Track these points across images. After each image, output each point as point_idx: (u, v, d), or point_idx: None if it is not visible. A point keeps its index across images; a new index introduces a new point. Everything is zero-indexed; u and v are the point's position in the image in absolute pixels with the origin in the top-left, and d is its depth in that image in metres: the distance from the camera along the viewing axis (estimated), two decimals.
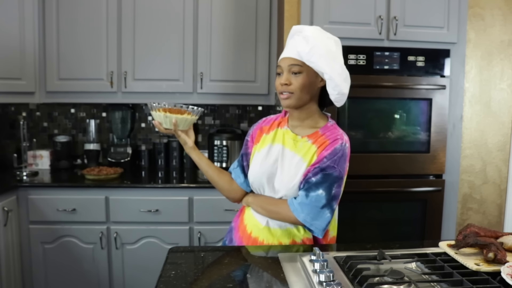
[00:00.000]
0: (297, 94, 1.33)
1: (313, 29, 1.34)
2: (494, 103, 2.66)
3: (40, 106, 2.93)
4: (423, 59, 2.30)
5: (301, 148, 1.38)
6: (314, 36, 1.31)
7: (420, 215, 2.38)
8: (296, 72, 1.32)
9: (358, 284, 1.02)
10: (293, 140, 1.40)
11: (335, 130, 1.39)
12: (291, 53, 1.33)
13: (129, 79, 2.63)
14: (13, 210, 2.28)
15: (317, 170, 1.33)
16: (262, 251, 1.35)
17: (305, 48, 1.29)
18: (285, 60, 1.34)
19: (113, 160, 2.81)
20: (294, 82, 1.32)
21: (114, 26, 2.60)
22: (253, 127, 1.54)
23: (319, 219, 1.33)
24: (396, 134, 2.37)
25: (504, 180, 2.72)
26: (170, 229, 2.40)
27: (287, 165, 1.38)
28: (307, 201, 1.32)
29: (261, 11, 2.67)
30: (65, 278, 2.40)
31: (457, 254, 1.18)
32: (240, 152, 1.53)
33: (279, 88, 1.35)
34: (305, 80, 1.32)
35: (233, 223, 1.55)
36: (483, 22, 2.61)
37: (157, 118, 1.44)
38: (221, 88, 2.69)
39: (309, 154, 1.36)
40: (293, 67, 1.32)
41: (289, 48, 1.35)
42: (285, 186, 1.37)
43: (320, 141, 1.36)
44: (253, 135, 1.51)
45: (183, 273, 1.15)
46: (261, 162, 1.42)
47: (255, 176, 1.43)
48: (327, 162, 1.32)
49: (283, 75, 1.34)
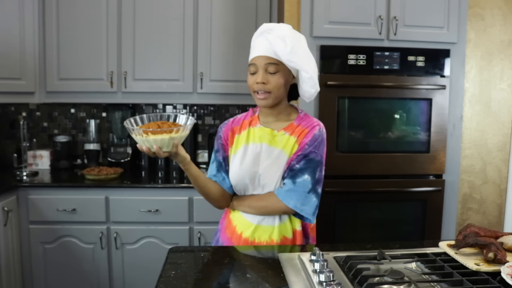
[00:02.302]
0: (275, 94, 1.34)
1: (287, 28, 1.34)
2: (494, 103, 2.66)
3: (40, 106, 2.93)
4: (423, 59, 2.30)
5: (279, 141, 1.40)
6: (291, 35, 1.31)
7: (420, 215, 2.38)
8: (273, 72, 1.32)
9: (358, 284, 1.02)
10: (269, 135, 1.41)
11: (309, 118, 1.44)
12: (267, 52, 1.31)
13: (129, 79, 2.63)
14: (13, 210, 2.28)
15: (300, 157, 1.37)
16: (262, 251, 1.35)
17: (284, 48, 1.28)
18: (260, 58, 1.33)
19: (113, 160, 2.81)
20: (272, 81, 1.32)
21: (114, 26, 2.60)
22: (222, 129, 1.50)
23: (307, 204, 1.36)
24: (396, 134, 2.37)
25: (504, 180, 2.72)
26: (170, 229, 2.40)
27: (268, 161, 1.39)
28: (295, 187, 1.36)
29: (261, 11, 2.67)
30: (65, 278, 2.40)
31: (457, 254, 1.18)
32: (217, 157, 1.47)
33: (254, 86, 1.34)
34: (282, 79, 1.33)
35: (219, 226, 1.55)
36: (483, 22, 2.61)
37: (142, 143, 1.22)
38: (221, 88, 2.69)
39: (289, 145, 1.39)
40: (270, 66, 1.32)
41: (262, 46, 1.33)
42: (271, 180, 1.39)
43: (298, 131, 1.40)
44: (225, 137, 1.48)
45: (183, 273, 1.15)
46: (240, 163, 1.41)
47: (237, 178, 1.42)
48: (308, 148, 1.37)
49: (258, 74, 1.33)
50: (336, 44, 2.26)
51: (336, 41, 2.27)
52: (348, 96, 2.27)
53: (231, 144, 1.46)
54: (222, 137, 1.48)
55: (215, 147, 1.50)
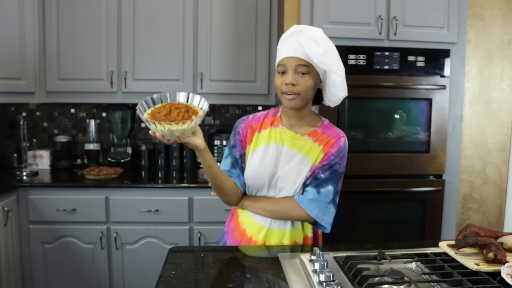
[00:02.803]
0: (303, 95, 1.32)
1: (319, 31, 1.32)
2: (494, 103, 2.66)
3: (40, 106, 2.93)
4: (423, 59, 2.30)
5: (302, 146, 1.38)
6: (324, 39, 1.30)
7: (420, 215, 2.38)
8: (303, 73, 1.30)
9: (358, 284, 1.02)
10: (292, 138, 1.39)
11: (334, 128, 1.44)
12: (297, 53, 1.30)
13: (129, 79, 2.63)
14: (13, 210, 2.28)
15: (326, 167, 1.36)
16: (262, 251, 1.35)
17: (317, 50, 1.26)
18: (290, 59, 1.30)
19: (113, 160, 2.81)
20: (301, 82, 1.30)
21: (114, 26, 2.60)
22: (240, 125, 1.46)
23: (327, 214, 1.37)
24: (396, 134, 2.37)
25: (504, 180, 2.72)
26: (170, 229, 2.40)
27: (290, 164, 1.37)
28: (319, 197, 1.35)
29: (261, 11, 2.67)
30: (65, 278, 2.40)
31: (457, 254, 1.18)
32: (233, 153, 1.43)
33: (282, 87, 1.32)
34: (312, 81, 1.32)
35: (226, 228, 1.52)
36: (483, 22, 2.61)
37: (155, 130, 1.18)
38: (221, 88, 2.69)
39: (314, 152, 1.38)
40: (300, 67, 1.30)
41: (292, 47, 1.31)
42: (290, 184, 1.37)
43: (323, 140, 1.39)
44: (244, 134, 1.44)
45: (183, 273, 1.15)
46: (260, 162, 1.39)
47: (254, 178, 1.40)
48: (334, 159, 1.37)
49: (287, 75, 1.31)
50: (336, 44, 2.20)
51: (336, 41, 2.21)
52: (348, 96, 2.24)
53: (250, 141, 1.42)
54: (241, 133, 1.44)
55: (231, 142, 1.45)
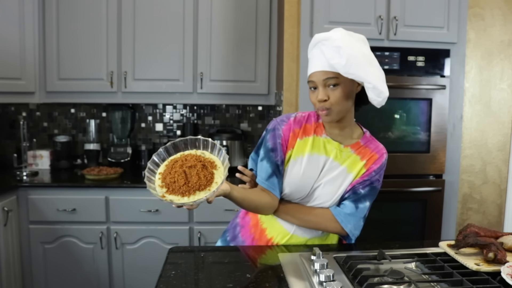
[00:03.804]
0: (336, 108, 1.25)
1: (340, 36, 1.22)
2: (494, 103, 2.66)
3: (40, 106, 2.93)
4: (423, 59, 2.30)
5: (345, 158, 1.35)
6: (345, 44, 1.20)
7: (420, 215, 2.38)
8: (333, 85, 1.24)
9: (358, 284, 1.02)
10: (337, 149, 1.35)
11: (376, 142, 1.40)
12: (323, 66, 1.23)
13: (129, 79, 2.63)
14: (13, 210, 2.28)
15: (366, 183, 1.34)
16: (262, 251, 1.35)
17: (340, 60, 1.18)
18: (317, 74, 1.24)
19: (113, 160, 2.81)
20: (332, 96, 1.24)
21: (114, 26, 2.60)
22: (281, 126, 1.36)
23: (358, 229, 1.36)
24: (396, 134, 2.37)
25: (504, 180, 2.72)
26: (170, 229, 2.40)
27: (331, 176, 1.34)
28: (356, 212, 1.33)
29: (261, 11, 2.67)
30: (65, 278, 2.40)
31: (457, 254, 1.18)
32: (272, 158, 1.34)
33: (316, 104, 1.27)
34: (344, 92, 1.24)
35: (239, 220, 1.47)
36: (483, 22, 2.61)
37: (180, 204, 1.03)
38: (221, 88, 2.69)
39: (355, 166, 1.35)
40: (328, 80, 1.23)
41: (317, 60, 1.25)
42: (328, 195, 1.34)
43: (366, 154, 1.36)
44: (286, 138, 1.36)
45: (183, 273, 1.15)
46: (303, 173, 1.33)
47: (295, 188, 1.34)
48: (375, 176, 1.35)
49: (318, 90, 1.25)
50: None
51: None
52: None
53: (291, 147, 1.35)
54: (282, 136, 1.35)
55: (269, 144, 1.35)
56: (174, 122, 3.03)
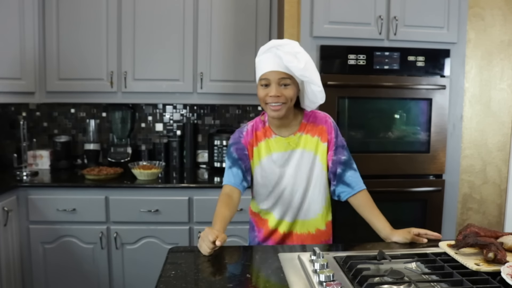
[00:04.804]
0: (288, 104, 1.44)
1: (297, 45, 1.42)
2: (494, 103, 2.67)
3: (40, 106, 2.93)
4: (423, 59, 2.30)
5: (297, 143, 1.51)
6: (302, 51, 1.41)
7: (420, 215, 2.38)
8: (285, 84, 1.42)
9: (358, 284, 1.02)
10: (286, 143, 1.51)
11: (316, 113, 1.55)
12: (279, 67, 1.40)
13: (129, 79, 2.63)
14: (13, 210, 2.28)
15: (340, 149, 1.52)
16: (262, 250, 1.35)
17: (298, 64, 1.37)
18: (273, 73, 1.41)
19: (113, 160, 2.81)
20: (285, 93, 1.42)
21: (114, 26, 2.60)
22: (241, 138, 1.54)
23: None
24: (396, 134, 2.37)
25: (504, 180, 2.72)
26: (170, 229, 2.40)
27: (294, 162, 1.51)
28: (356, 172, 1.53)
29: (261, 11, 2.67)
30: (65, 278, 2.40)
31: (457, 254, 1.18)
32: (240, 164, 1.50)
33: (267, 99, 1.43)
34: (293, 92, 1.44)
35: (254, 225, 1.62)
36: (483, 22, 2.61)
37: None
38: (221, 88, 2.69)
39: (311, 144, 1.51)
40: (283, 80, 1.41)
41: (273, 61, 1.41)
42: (301, 181, 1.50)
43: (315, 130, 1.52)
44: (248, 148, 1.53)
45: (183, 273, 1.15)
46: (267, 170, 1.51)
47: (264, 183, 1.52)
48: (338, 138, 1.53)
49: (271, 87, 1.42)
50: (336, 44, 2.26)
51: (336, 41, 2.27)
52: (348, 96, 2.27)
53: (251, 157, 1.53)
54: (246, 147, 1.54)
55: (234, 156, 1.52)
56: (174, 122, 3.03)
